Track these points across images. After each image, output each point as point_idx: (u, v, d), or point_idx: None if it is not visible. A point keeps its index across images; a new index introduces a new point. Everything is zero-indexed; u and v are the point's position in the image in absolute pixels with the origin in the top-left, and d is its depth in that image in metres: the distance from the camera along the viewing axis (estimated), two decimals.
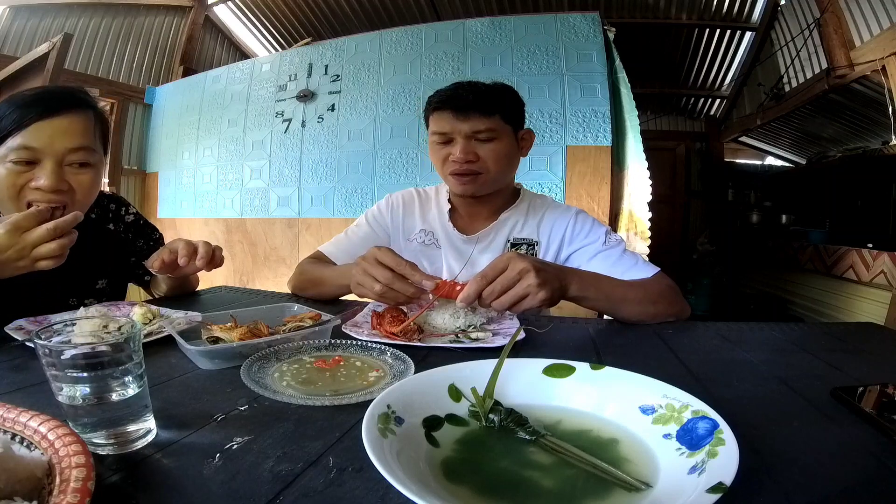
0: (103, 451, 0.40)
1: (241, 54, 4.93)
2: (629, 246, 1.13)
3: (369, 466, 0.33)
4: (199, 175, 3.54)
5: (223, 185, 3.44)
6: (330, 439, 0.43)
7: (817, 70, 3.41)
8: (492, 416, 0.45)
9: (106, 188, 1.20)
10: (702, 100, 5.43)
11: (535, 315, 0.93)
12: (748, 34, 4.24)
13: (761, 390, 0.57)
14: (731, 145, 5.62)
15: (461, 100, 1.05)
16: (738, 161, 5.81)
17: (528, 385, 0.49)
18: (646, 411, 0.43)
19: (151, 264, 0.97)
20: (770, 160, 5.89)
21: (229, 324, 0.72)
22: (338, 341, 0.67)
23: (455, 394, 0.47)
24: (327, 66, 3.17)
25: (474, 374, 0.48)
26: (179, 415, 0.48)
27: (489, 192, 1.12)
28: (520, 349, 0.72)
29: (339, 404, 0.49)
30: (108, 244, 1.13)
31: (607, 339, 0.82)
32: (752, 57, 4.36)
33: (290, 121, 3.21)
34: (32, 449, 0.35)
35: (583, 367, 0.50)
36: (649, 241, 2.51)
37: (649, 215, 2.52)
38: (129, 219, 1.19)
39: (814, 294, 3.64)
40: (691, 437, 0.38)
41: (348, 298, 1.05)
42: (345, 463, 0.39)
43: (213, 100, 3.54)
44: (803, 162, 5.28)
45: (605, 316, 0.97)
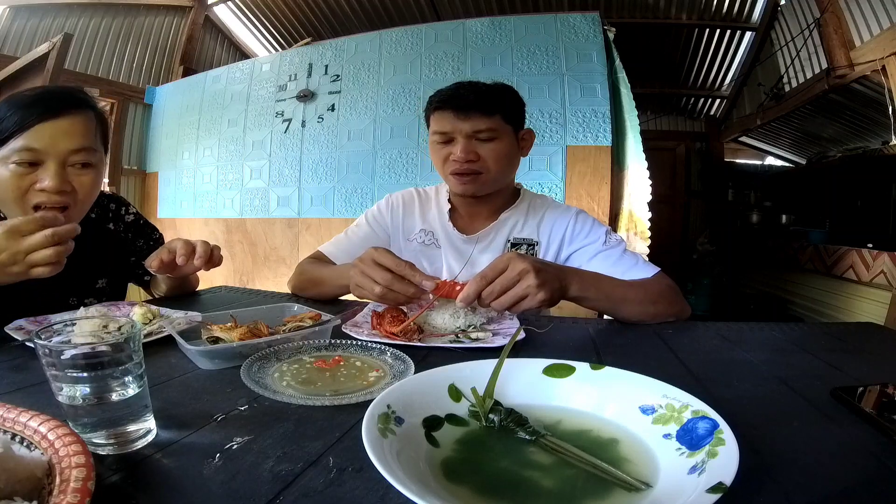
0: (103, 451, 0.40)
1: (241, 54, 4.93)
2: (629, 246, 1.13)
3: (369, 466, 0.33)
4: (199, 175, 3.54)
5: (223, 185, 3.44)
6: (330, 439, 0.43)
7: (817, 70, 3.41)
8: (492, 416, 0.45)
9: (106, 188, 1.20)
10: (702, 100, 5.43)
11: (535, 315, 0.93)
12: (748, 34, 4.24)
13: (761, 390, 0.57)
14: (731, 145, 5.62)
15: (462, 99, 1.05)
16: (738, 161, 5.81)
17: (528, 385, 0.49)
18: (646, 411, 0.43)
19: (150, 264, 0.97)
20: (770, 160, 5.89)
21: (229, 324, 0.72)
22: (338, 341, 0.67)
23: (455, 394, 0.47)
24: (327, 66, 3.17)
25: (474, 374, 0.48)
26: (179, 415, 0.48)
27: (490, 191, 1.12)
28: (520, 349, 0.72)
29: (339, 404, 0.49)
30: (108, 244, 1.13)
31: (607, 339, 0.82)
32: (752, 57, 4.36)
33: (290, 121, 3.21)
34: (32, 449, 0.35)
35: (583, 367, 0.50)
36: (649, 241, 2.51)
37: (649, 215, 2.52)
38: (129, 218, 1.19)
39: (814, 294, 3.64)
40: (691, 437, 0.38)
41: (348, 298, 1.05)
42: (345, 463, 0.39)
43: (213, 100, 3.54)
44: (803, 162, 5.28)
45: (605, 316, 0.97)
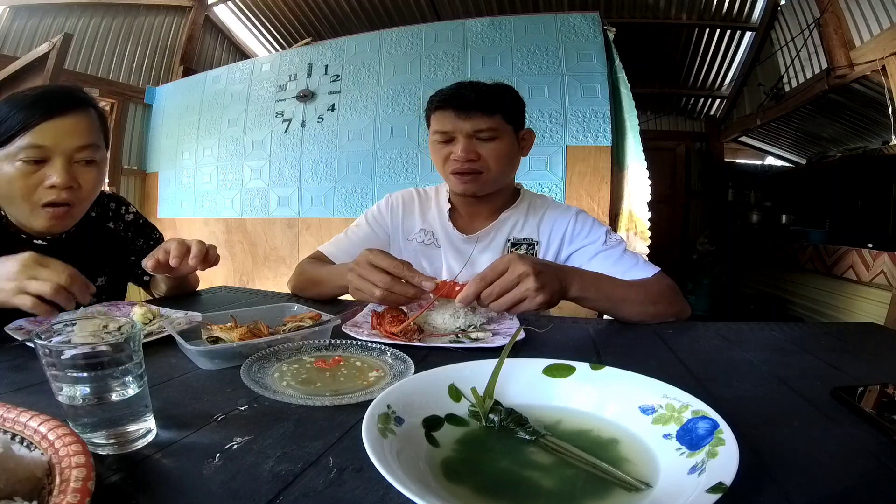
0: (103, 451, 0.40)
1: (241, 54, 4.93)
2: (629, 246, 1.13)
3: (369, 466, 0.33)
4: (199, 175, 3.54)
5: (223, 185, 3.44)
6: (330, 439, 0.43)
7: (817, 70, 3.41)
8: (492, 416, 0.45)
9: (106, 188, 1.20)
10: (702, 100, 5.43)
11: (535, 315, 0.93)
12: (748, 34, 4.24)
13: (761, 390, 0.57)
14: (731, 145, 5.62)
15: (463, 99, 1.05)
16: (738, 161, 5.81)
17: (528, 385, 0.49)
18: (646, 411, 0.43)
19: (146, 264, 0.97)
20: (770, 160, 5.89)
21: (229, 324, 0.72)
22: (338, 341, 0.67)
23: (455, 394, 0.47)
24: (327, 66, 3.17)
25: (474, 374, 0.48)
26: (179, 415, 0.48)
27: (490, 191, 1.12)
28: (520, 349, 0.72)
29: (339, 404, 0.49)
30: (108, 242, 1.14)
31: (607, 339, 0.82)
32: (752, 57, 4.36)
33: (290, 121, 3.21)
34: (32, 449, 0.35)
35: (583, 367, 0.50)
36: (649, 241, 2.51)
37: (649, 215, 2.52)
38: (128, 218, 1.19)
39: (814, 294, 3.64)
40: (691, 437, 0.38)
41: (348, 298, 1.05)
42: (345, 463, 0.39)
43: (213, 100, 3.54)
44: (803, 162, 5.28)
45: (605, 316, 0.97)
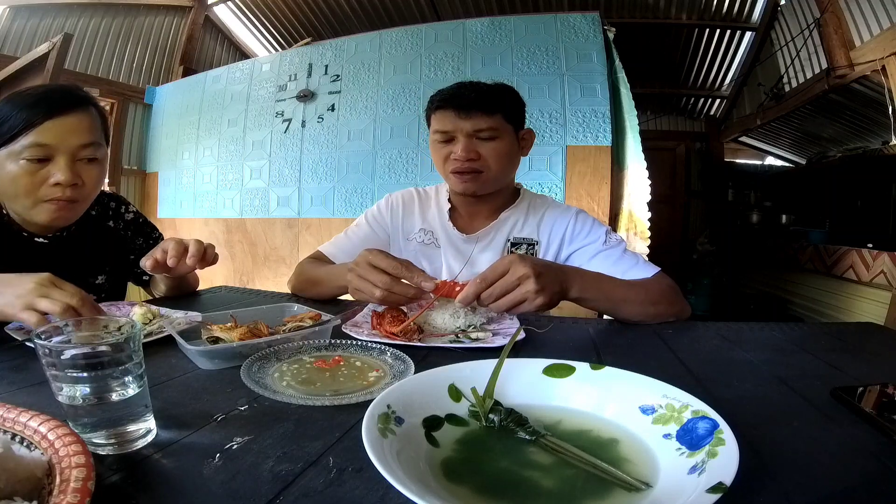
0: (103, 451, 0.40)
1: (241, 54, 4.93)
2: (629, 246, 1.13)
3: (369, 466, 0.33)
4: (199, 175, 3.54)
5: (223, 185, 3.44)
6: (330, 439, 0.43)
7: (817, 70, 3.41)
8: (492, 416, 0.45)
9: (106, 188, 1.20)
10: (702, 100, 5.43)
11: (536, 315, 0.93)
12: (748, 34, 4.24)
13: (761, 390, 0.57)
14: (731, 145, 5.62)
15: (464, 98, 1.05)
16: (738, 161, 5.81)
17: (528, 385, 0.49)
18: (646, 411, 0.43)
19: (144, 264, 0.97)
20: (770, 160, 5.88)
21: (229, 324, 0.72)
22: (338, 341, 0.67)
23: (455, 394, 0.47)
24: (327, 66, 3.17)
25: (474, 374, 0.48)
26: (179, 415, 0.48)
27: (490, 190, 1.12)
28: (520, 349, 0.72)
29: (339, 404, 0.49)
30: (108, 241, 1.14)
31: (607, 339, 0.82)
32: (752, 57, 4.36)
33: (290, 121, 3.21)
34: (32, 449, 0.35)
35: (583, 367, 0.50)
36: (649, 241, 2.51)
37: (649, 215, 2.52)
38: (128, 217, 1.20)
39: (814, 294, 3.64)
40: (691, 437, 0.38)
41: (348, 298, 1.05)
42: (345, 463, 0.39)
43: (213, 100, 3.54)
44: (803, 162, 5.28)
45: (606, 316, 0.97)
